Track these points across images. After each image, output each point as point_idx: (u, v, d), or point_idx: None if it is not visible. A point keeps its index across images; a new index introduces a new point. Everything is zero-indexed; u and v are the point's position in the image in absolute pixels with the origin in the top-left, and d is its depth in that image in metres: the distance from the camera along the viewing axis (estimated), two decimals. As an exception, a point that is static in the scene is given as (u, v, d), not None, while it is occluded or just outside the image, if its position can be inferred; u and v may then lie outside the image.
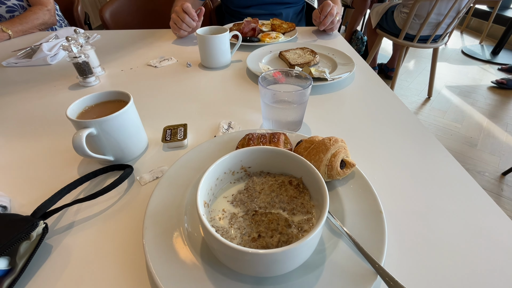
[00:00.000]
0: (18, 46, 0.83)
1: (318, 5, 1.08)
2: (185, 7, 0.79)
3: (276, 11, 1.04)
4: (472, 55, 2.85)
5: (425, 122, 1.86)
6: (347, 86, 0.60)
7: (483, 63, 2.70)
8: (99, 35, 0.93)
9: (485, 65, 2.66)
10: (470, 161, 1.53)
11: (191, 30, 0.85)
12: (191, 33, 0.88)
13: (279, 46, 0.76)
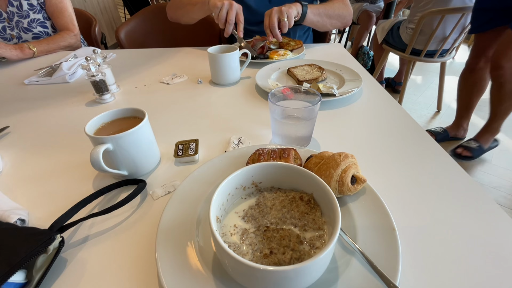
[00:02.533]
0: (39, 66, 0.88)
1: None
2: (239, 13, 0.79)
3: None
4: (481, 68, 2.82)
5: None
6: (356, 102, 0.61)
7: (492, 76, 2.67)
8: (115, 54, 0.98)
9: (495, 78, 2.63)
10: (485, 176, 1.49)
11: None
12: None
13: (287, 63, 0.78)
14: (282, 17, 0.76)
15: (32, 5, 1.09)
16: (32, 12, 1.09)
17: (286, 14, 0.76)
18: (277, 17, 0.76)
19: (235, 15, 0.77)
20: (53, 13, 1.13)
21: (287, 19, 0.76)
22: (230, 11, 0.76)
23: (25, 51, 0.99)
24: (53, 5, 1.12)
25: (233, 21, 0.78)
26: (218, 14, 0.77)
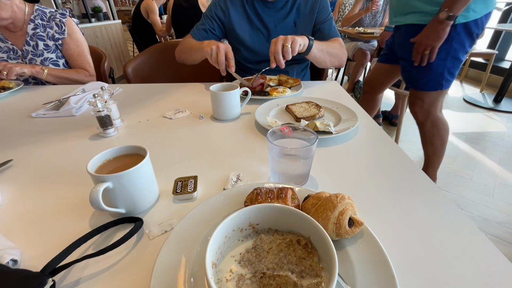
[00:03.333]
0: (48, 99, 0.92)
1: None
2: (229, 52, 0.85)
3: (283, 70, 1.13)
4: (474, 103, 2.92)
5: (435, 169, 1.83)
6: (352, 139, 0.62)
7: (486, 110, 2.75)
8: (121, 88, 1.02)
9: (489, 112, 2.71)
10: (488, 211, 1.46)
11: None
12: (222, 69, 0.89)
13: (286, 100, 0.81)
14: (286, 44, 0.80)
15: (48, 45, 1.17)
16: (46, 51, 1.17)
17: (291, 41, 0.81)
18: (282, 44, 0.80)
19: (224, 55, 0.84)
20: (71, 56, 1.21)
21: (290, 45, 0.80)
22: (218, 53, 0.84)
23: (36, 68, 1.08)
24: (71, 49, 1.20)
25: (222, 61, 0.85)
26: (211, 58, 0.86)
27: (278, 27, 1.09)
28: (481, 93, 3.24)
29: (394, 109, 2.49)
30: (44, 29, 1.17)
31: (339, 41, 1.05)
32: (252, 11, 1.08)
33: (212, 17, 1.10)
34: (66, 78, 1.16)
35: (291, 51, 0.80)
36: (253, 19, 1.09)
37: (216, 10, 1.09)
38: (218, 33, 1.13)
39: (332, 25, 1.08)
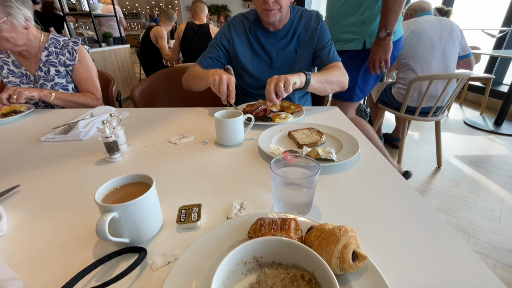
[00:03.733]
0: (57, 123, 0.95)
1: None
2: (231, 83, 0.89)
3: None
4: (475, 125, 2.94)
5: (439, 193, 1.81)
6: (354, 167, 0.63)
7: (487, 133, 2.77)
8: (128, 113, 1.06)
9: (490, 135, 2.72)
10: (497, 238, 1.42)
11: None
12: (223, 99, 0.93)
13: (288, 126, 0.83)
14: (279, 83, 0.82)
15: (59, 71, 1.22)
16: (57, 77, 1.22)
17: (283, 81, 0.83)
18: (275, 83, 0.83)
19: (226, 86, 0.88)
20: (80, 80, 1.26)
21: (284, 85, 0.83)
22: (221, 84, 0.88)
23: (44, 91, 1.11)
24: (80, 74, 1.25)
25: (224, 92, 0.88)
26: (214, 88, 0.90)
27: (280, 55, 1.15)
28: (481, 116, 3.27)
29: (395, 132, 2.51)
30: (56, 56, 1.23)
31: (339, 66, 1.08)
32: (255, 40, 1.14)
33: (218, 45, 1.16)
34: (73, 102, 1.19)
35: (285, 90, 0.83)
36: (256, 47, 1.15)
37: (222, 39, 1.15)
38: (223, 60, 1.18)
39: (332, 50, 1.12)
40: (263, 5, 0.98)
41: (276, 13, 1.00)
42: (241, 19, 1.16)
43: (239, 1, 9.80)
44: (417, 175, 2.05)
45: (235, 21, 1.16)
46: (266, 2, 0.96)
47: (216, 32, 2.65)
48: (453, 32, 1.82)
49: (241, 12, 1.19)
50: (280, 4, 0.98)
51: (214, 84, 0.90)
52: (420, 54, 1.82)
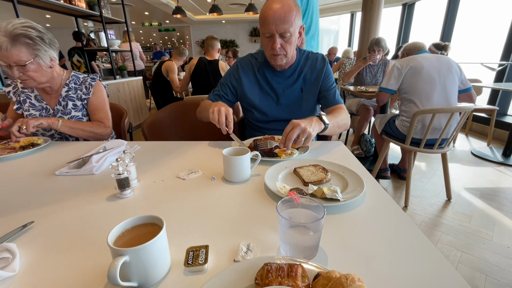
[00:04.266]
0: (72, 156, 0.99)
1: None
2: (229, 113, 0.95)
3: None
4: (483, 157, 2.91)
5: (451, 228, 1.75)
6: (359, 206, 0.64)
7: (496, 165, 2.73)
8: (139, 146, 1.10)
9: (499, 167, 2.68)
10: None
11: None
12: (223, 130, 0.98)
13: (293, 162, 0.85)
14: (301, 137, 0.86)
15: (76, 105, 1.30)
16: (74, 110, 1.29)
17: (306, 135, 0.86)
18: (298, 134, 0.85)
19: (225, 117, 0.95)
20: (92, 111, 1.33)
21: (305, 139, 0.87)
22: (219, 115, 0.95)
23: (52, 119, 1.16)
24: (93, 105, 1.32)
25: (222, 122, 0.94)
26: (213, 119, 0.96)
27: (286, 92, 1.22)
28: (488, 146, 3.25)
29: (401, 163, 2.50)
30: (75, 91, 1.31)
31: (343, 108, 1.17)
32: (263, 78, 1.22)
33: (226, 84, 1.25)
34: (80, 129, 1.22)
35: (302, 144, 0.88)
36: (263, 85, 1.23)
37: (230, 79, 1.25)
38: (230, 98, 1.27)
39: (336, 92, 1.21)
40: (271, 50, 1.08)
41: (282, 58, 1.10)
42: (250, 59, 1.25)
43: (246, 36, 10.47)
44: (427, 208, 2.00)
45: (243, 62, 1.26)
46: (274, 48, 1.05)
47: (224, 68, 2.81)
48: (451, 67, 1.89)
49: (250, 53, 1.29)
50: (285, 50, 1.07)
51: (212, 115, 0.96)
52: (420, 89, 1.88)
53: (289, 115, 1.22)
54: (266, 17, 1.01)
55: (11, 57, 1.06)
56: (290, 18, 1.00)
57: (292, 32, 1.03)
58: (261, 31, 1.07)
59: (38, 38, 1.11)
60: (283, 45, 1.06)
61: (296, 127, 0.85)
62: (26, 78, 1.14)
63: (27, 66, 1.10)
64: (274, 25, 1.00)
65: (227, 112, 0.96)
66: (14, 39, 1.04)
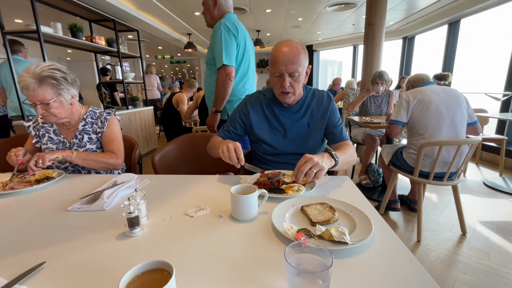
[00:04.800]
0: (84, 189, 1.02)
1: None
2: (238, 149, 0.99)
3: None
4: (496, 187, 2.83)
5: (468, 266, 1.66)
6: (368, 250, 0.63)
7: (511, 196, 2.64)
8: (149, 180, 1.13)
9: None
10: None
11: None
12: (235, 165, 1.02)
13: (300, 200, 0.86)
14: (313, 170, 0.89)
15: (91, 138, 1.36)
16: (89, 143, 1.35)
17: (318, 169, 0.89)
18: (310, 167, 0.89)
19: (234, 152, 0.99)
20: (106, 142, 1.38)
21: (317, 172, 0.90)
22: (229, 152, 0.99)
23: (66, 151, 1.20)
24: (107, 136, 1.38)
25: (234, 158, 0.99)
26: (224, 157, 1.01)
27: (293, 127, 1.27)
28: (501, 177, 3.17)
29: (411, 194, 2.44)
30: (91, 125, 1.38)
31: (350, 144, 1.22)
32: (271, 113, 1.29)
33: (236, 120, 1.31)
34: (93, 160, 1.25)
35: (313, 177, 0.91)
36: (271, 119, 1.28)
37: (240, 114, 1.32)
38: (240, 132, 1.33)
39: (343, 129, 1.26)
40: (280, 88, 1.15)
41: (291, 96, 1.18)
42: (258, 95, 1.33)
43: (253, 67, 10.98)
44: (441, 243, 1.91)
45: (252, 98, 1.33)
46: (283, 86, 1.13)
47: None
48: (460, 101, 1.89)
49: (258, 90, 1.38)
50: (294, 88, 1.15)
51: (223, 154, 1.01)
52: (428, 123, 1.89)
53: (296, 148, 1.27)
54: (276, 59, 1.10)
55: (36, 97, 1.14)
56: (299, 60, 1.09)
57: (300, 71, 1.12)
58: (272, 71, 1.15)
59: (62, 79, 1.20)
60: (291, 83, 1.13)
61: (309, 161, 0.89)
62: (48, 114, 1.21)
63: (50, 104, 1.18)
64: (284, 66, 1.09)
65: (236, 147, 1.01)
66: (41, 81, 1.14)
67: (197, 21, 5.89)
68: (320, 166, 0.90)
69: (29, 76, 1.13)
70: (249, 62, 1.88)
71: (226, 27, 1.68)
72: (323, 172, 0.92)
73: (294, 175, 0.91)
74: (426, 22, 5.61)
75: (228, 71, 1.67)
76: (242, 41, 1.76)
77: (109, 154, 1.33)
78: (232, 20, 1.76)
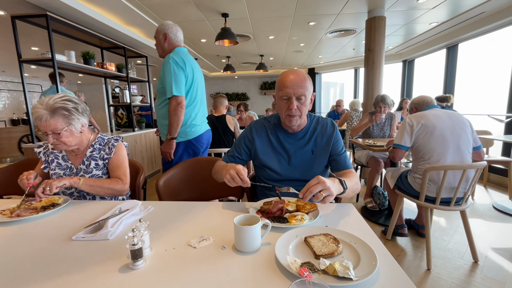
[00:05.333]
0: (89, 216, 1.03)
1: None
2: (240, 172, 1.01)
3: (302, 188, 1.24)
4: (506, 211, 2.76)
5: (482, 298, 1.58)
6: (374, 285, 0.62)
7: (523, 221, 2.55)
8: (153, 207, 1.13)
9: (527, 224, 2.50)
10: None
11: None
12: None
13: (304, 230, 0.85)
14: (322, 193, 0.90)
15: (98, 164, 1.39)
16: (95, 169, 1.38)
17: (328, 194, 0.90)
18: (319, 190, 0.89)
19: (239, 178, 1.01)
20: (112, 168, 1.40)
21: (326, 196, 0.90)
22: (234, 179, 1.01)
23: (74, 178, 1.21)
24: (113, 163, 1.40)
25: (239, 182, 1.01)
26: (231, 184, 1.03)
27: (297, 153, 1.28)
28: (511, 200, 3.09)
29: (418, 218, 2.39)
30: (98, 152, 1.41)
31: (354, 173, 1.24)
32: (276, 139, 1.31)
33: (240, 145, 1.34)
34: (99, 186, 1.27)
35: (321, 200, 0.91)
36: (275, 145, 1.30)
37: (244, 140, 1.35)
38: (244, 157, 1.35)
39: (346, 157, 1.29)
40: (287, 111, 1.18)
41: (297, 119, 1.20)
42: (263, 122, 1.36)
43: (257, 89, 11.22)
44: (452, 272, 1.84)
45: (257, 124, 1.36)
46: (290, 109, 1.16)
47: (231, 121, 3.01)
48: (464, 127, 1.88)
49: (263, 116, 1.42)
50: (300, 111, 1.18)
51: (229, 181, 1.03)
52: (433, 148, 1.87)
53: (301, 175, 1.28)
54: (284, 83, 1.16)
55: (48, 127, 1.19)
56: (305, 85, 1.15)
57: (306, 96, 1.17)
58: (279, 95, 1.19)
59: (73, 109, 1.26)
60: (298, 106, 1.17)
61: (321, 183, 0.90)
62: (59, 143, 1.25)
63: (61, 134, 1.22)
64: (291, 89, 1.14)
65: (238, 171, 1.02)
66: (53, 112, 1.19)
67: (203, 47, 6.15)
68: (330, 192, 0.91)
69: (42, 107, 1.18)
70: (197, 91, 2.02)
71: (174, 61, 1.85)
72: (331, 198, 0.92)
73: (302, 192, 0.91)
74: (424, 46, 5.78)
75: (179, 101, 1.82)
76: (190, 72, 1.92)
77: (115, 180, 1.34)
78: (180, 54, 1.92)
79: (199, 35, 5.18)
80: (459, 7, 3.87)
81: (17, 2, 2.90)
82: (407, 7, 3.85)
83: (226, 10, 3.87)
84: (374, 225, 2.59)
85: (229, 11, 3.92)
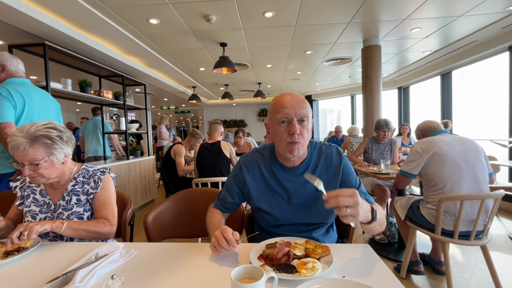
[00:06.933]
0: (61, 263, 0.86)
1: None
2: (225, 234, 0.86)
3: (307, 234, 1.06)
4: (526, 244, 2.55)
5: None
6: None
7: (546, 254, 2.35)
8: (136, 251, 0.96)
9: (552, 258, 2.29)
10: None
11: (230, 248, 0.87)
12: (231, 251, 0.88)
13: (317, 283, 0.69)
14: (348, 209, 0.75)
15: (80, 200, 1.23)
16: (76, 206, 1.21)
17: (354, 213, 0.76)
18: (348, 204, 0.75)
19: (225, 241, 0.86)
20: (98, 206, 1.23)
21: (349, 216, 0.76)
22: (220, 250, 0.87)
23: (56, 222, 1.06)
24: (100, 200, 1.24)
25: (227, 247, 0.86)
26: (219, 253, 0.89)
27: (299, 192, 1.05)
28: (527, 230, 2.90)
29: (433, 253, 2.18)
30: (82, 185, 1.26)
31: (379, 206, 0.99)
32: (271, 175, 1.08)
33: (232, 187, 1.14)
34: (84, 230, 1.11)
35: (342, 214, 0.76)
36: (272, 184, 1.07)
37: (235, 181, 1.14)
38: (237, 201, 1.17)
39: (363, 191, 1.05)
40: (288, 138, 0.96)
41: (299, 148, 0.97)
42: (254, 156, 1.13)
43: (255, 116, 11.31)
44: (481, 319, 1.61)
45: (247, 160, 1.13)
46: (292, 134, 0.94)
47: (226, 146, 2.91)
48: (478, 154, 1.76)
49: (255, 148, 1.20)
50: (303, 137, 0.97)
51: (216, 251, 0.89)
52: (446, 177, 1.73)
53: (304, 218, 1.06)
54: (282, 104, 0.96)
55: (26, 157, 1.06)
56: (306, 106, 0.98)
57: (308, 118, 0.98)
58: (276, 119, 0.97)
59: (57, 138, 1.13)
60: (301, 131, 0.96)
61: (354, 200, 0.76)
62: (36, 175, 1.11)
63: (40, 165, 1.09)
64: (292, 110, 0.94)
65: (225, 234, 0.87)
66: (33, 141, 1.06)
67: (201, 75, 6.25)
68: (357, 213, 0.76)
69: (21, 135, 1.06)
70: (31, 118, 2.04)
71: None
72: (352, 220, 0.77)
73: (327, 197, 0.77)
74: (418, 74, 5.92)
75: (1, 127, 1.86)
76: (20, 101, 1.95)
77: (102, 222, 1.17)
78: (11, 84, 1.97)
79: (198, 64, 5.27)
80: (451, 37, 3.99)
81: (15, 32, 2.92)
82: (401, 37, 3.97)
83: (225, 40, 3.96)
84: (384, 260, 2.37)
85: (227, 41, 4.01)
